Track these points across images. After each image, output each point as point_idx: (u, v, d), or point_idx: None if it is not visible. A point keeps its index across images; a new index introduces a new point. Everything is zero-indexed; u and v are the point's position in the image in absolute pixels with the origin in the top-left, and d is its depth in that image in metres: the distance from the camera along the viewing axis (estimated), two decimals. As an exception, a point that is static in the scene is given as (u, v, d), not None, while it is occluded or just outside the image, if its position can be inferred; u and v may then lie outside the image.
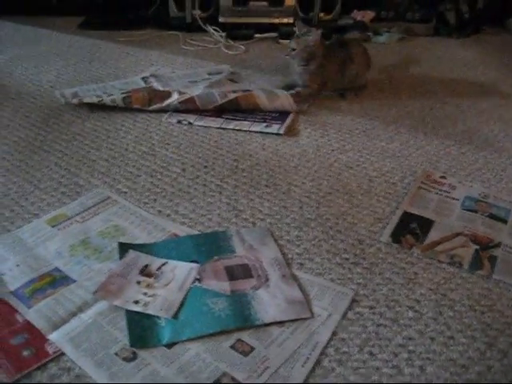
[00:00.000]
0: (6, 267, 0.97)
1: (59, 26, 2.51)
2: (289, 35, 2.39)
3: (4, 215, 1.12)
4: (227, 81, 1.83)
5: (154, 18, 2.62)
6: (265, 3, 2.52)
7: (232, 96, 1.61)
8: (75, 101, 1.64)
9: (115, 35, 2.42)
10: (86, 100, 1.64)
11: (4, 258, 1.00)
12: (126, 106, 1.62)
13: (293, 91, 1.69)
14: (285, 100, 1.61)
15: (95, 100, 1.63)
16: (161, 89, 1.72)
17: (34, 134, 1.47)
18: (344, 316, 0.89)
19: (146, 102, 1.62)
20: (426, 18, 2.62)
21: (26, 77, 1.89)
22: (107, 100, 1.62)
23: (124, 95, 1.63)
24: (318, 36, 1.69)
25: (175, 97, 1.61)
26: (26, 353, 0.81)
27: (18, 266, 0.98)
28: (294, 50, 1.70)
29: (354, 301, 0.92)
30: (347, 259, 1.02)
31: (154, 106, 1.61)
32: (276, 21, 2.53)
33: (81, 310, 0.88)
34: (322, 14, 2.56)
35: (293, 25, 2.50)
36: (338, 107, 1.69)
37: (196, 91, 1.65)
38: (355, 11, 2.60)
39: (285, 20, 2.53)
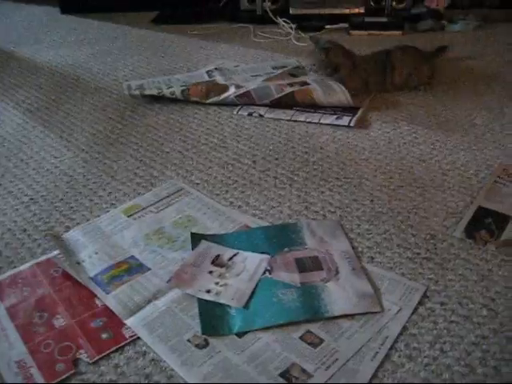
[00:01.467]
0: (85, 254, 1.02)
1: (134, 22, 2.59)
2: (360, 26, 2.38)
3: (84, 205, 1.18)
4: (287, 75, 1.80)
5: (225, 11, 2.66)
6: (336, -6, 2.50)
7: (288, 90, 1.60)
8: (137, 92, 1.69)
9: (187, 29, 2.47)
10: (147, 92, 1.68)
11: (84, 245, 1.05)
12: (185, 99, 1.65)
13: None
14: (341, 95, 1.57)
15: (155, 92, 1.67)
16: (222, 82, 1.74)
17: (110, 126, 1.53)
18: (415, 311, 0.87)
19: (204, 95, 1.65)
20: (506, 3, 2.51)
21: (103, 72, 1.97)
22: (166, 92, 1.66)
23: (183, 88, 1.67)
24: (317, 49, 1.68)
25: (232, 90, 1.63)
26: (104, 335, 0.85)
27: (96, 253, 1.02)
28: (314, 65, 1.69)
29: (425, 296, 0.90)
30: (419, 254, 1.00)
31: (211, 100, 1.63)
32: (347, 11, 2.50)
33: (155, 297, 0.91)
34: (394, 3, 2.51)
35: (364, 15, 2.47)
36: (410, 99, 1.66)
37: (253, 85, 1.65)
38: (429, -2, 2.53)
39: (356, 10, 2.50)
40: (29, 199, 1.21)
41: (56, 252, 1.03)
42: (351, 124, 1.48)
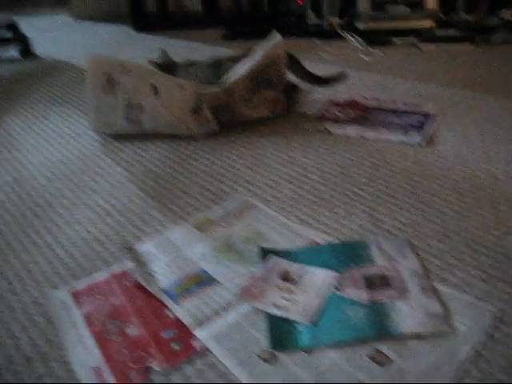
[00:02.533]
0: (157, 266, 1.05)
1: (205, 39, 2.66)
2: (430, 39, 2.34)
3: (156, 218, 1.21)
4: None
5: (292, 26, 2.68)
6: (404, 7, 2.48)
7: None
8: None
9: (255, 44, 2.50)
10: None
11: (156, 257, 1.08)
12: None
13: None
14: None
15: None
16: None
17: (184, 142, 1.57)
18: (487, 334, 0.85)
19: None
20: None
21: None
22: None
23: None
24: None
25: None
26: (175, 346, 0.87)
27: (167, 265, 1.05)
28: None
29: (498, 319, 0.88)
30: (492, 275, 0.97)
31: None
32: (416, 25, 2.47)
33: (224, 310, 0.93)
34: (465, 15, 2.46)
35: (434, 28, 2.43)
36: (481, 114, 1.62)
37: None
38: (503, 10, 2.46)
39: (425, 24, 2.47)
40: (104, 211, 1.26)
41: (129, 263, 1.06)
42: (420, 142, 1.46)
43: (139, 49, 2.63)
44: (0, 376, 0.85)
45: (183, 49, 2.54)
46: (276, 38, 1.61)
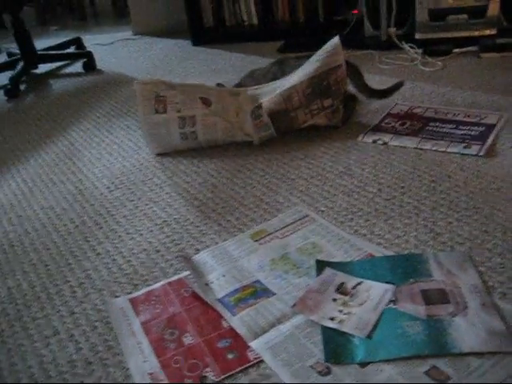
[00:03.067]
0: (213, 276, 1.07)
1: (261, 51, 2.68)
2: (491, 48, 2.28)
3: (213, 228, 1.23)
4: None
5: (348, 38, 2.67)
6: (464, 16, 2.42)
7: None
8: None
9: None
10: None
11: (212, 268, 1.09)
12: None
13: None
14: None
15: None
16: None
17: (239, 152, 1.59)
18: (553, 354, 0.82)
19: None
20: None
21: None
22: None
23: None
24: None
25: None
26: (230, 356, 0.88)
27: (224, 276, 1.07)
28: None
29: None
30: (557, 292, 0.94)
31: None
32: (476, 33, 2.41)
33: (279, 321, 0.93)
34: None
35: (495, 36, 2.37)
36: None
37: None
38: None
39: (486, 32, 2.40)
40: (162, 221, 1.29)
41: (186, 273, 1.08)
42: (480, 153, 1.42)
43: (197, 62, 2.69)
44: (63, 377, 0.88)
45: (240, 62, 2.57)
46: (335, 43, 1.61)
